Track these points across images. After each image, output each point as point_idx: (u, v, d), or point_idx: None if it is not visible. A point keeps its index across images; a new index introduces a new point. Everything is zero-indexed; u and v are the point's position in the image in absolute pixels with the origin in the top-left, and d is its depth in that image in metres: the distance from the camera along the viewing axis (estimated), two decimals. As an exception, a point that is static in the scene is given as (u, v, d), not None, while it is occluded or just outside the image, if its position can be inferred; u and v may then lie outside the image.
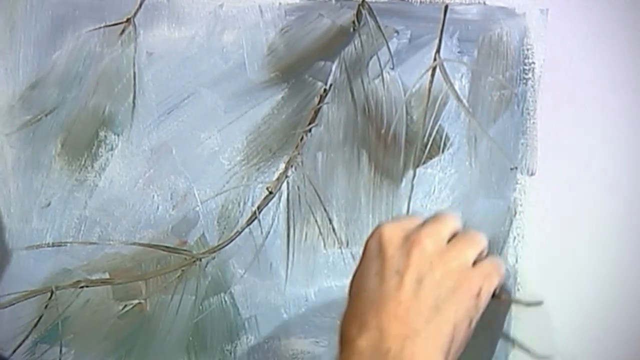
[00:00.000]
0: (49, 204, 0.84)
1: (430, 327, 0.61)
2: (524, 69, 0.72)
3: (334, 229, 0.78)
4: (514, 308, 0.72)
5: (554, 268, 0.72)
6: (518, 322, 0.73)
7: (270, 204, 0.79)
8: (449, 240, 0.64)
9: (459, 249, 0.64)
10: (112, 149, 0.83)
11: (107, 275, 0.84)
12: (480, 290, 0.63)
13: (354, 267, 0.65)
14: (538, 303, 0.71)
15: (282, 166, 0.79)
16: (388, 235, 0.64)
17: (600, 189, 0.70)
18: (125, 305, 0.83)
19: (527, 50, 0.72)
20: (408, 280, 0.62)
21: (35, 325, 0.85)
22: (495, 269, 0.64)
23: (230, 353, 0.81)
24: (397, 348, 0.61)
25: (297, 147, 0.78)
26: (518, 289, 0.72)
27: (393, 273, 0.63)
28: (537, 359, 0.71)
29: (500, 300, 0.69)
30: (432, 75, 0.74)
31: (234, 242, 0.80)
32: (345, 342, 0.64)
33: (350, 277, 0.66)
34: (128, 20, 0.82)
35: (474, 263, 0.64)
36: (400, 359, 0.60)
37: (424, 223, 0.65)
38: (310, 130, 0.78)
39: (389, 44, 0.75)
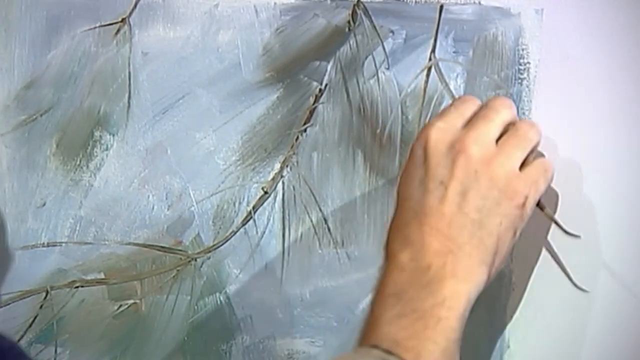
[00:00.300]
0: (44, 204, 0.84)
1: (474, 241, 0.60)
2: (519, 69, 0.72)
3: (329, 229, 0.78)
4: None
5: (551, 267, 0.72)
6: (513, 322, 0.73)
7: (265, 203, 0.79)
8: (500, 136, 0.63)
9: (507, 153, 0.62)
10: (107, 149, 0.83)
11: (102, 275, 0.84)
12: (526, 200, 0.62)
13: (400, 178, 0.65)
14: (576, 236, 0.70)
15: (278, 166, 0.79)
16: (434, 141, 0.62)
17: (597, 189, 0.70)
18: (121, 305, 0.83)
19: (523, 50, 0.72)
20: (452, 193, 0.61)
21: (30, 325, 0.85)
22: (543, 173, 0.63)
23: (226, 353, 0.81)
24: (439, 264, 0.60)
25: (292, 147, 0.78)
26: (513, 289, 0.72)
27: (437, 184, 0.61)
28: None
29: (543, 213, 0.68)
30: (428, 75, 0.74)
31: (229, 242, 0.80)
32: (388, 254, 0.63)
33: (397, 182, 0.65)
34: (123, 20, 0.82)
35: (524, 162, 0.63)
36: (442, 275, 0.60)
37: (473, 120, 0.63)
38: (305, 130, 0.78)
39: (384, 43, 0.75)
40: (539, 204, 0.64)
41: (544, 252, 0.72)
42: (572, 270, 0.70)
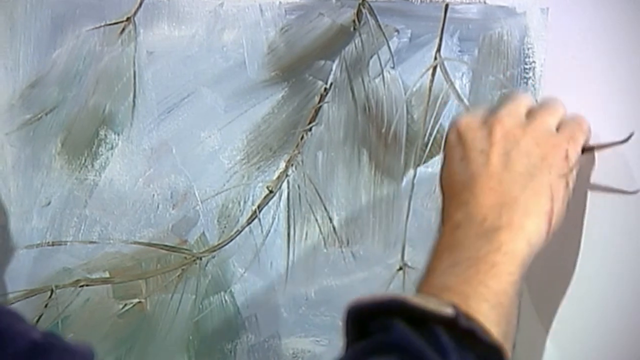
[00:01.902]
0: (49, 203, 0.84)
1: (527, 192, 0.60)
2: (524, 68, 0.72)
3: (334, 228, 0.78)
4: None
5: (553, 267, 0.72)
6: (519, 323, 0.73)
7: (270, 203, 0.79)
8: (527, 116, 0.64)
9: (540, 119, 0.63)
10: (112, 148, 0.83)
11: (107, 274, 0.84)
12: (568, 153, 0.62)
13: (442, 168, 0.65)
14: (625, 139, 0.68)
15: (283, 165, 0.79)
16: (465, 123, 0.63)
17: (601, 187, 0.70)
18: (125, 304, 0.83)
19: (528, 49, 0.72)
20: (495, 155, 0.61)
21: (35, 324, 0.85)
22: (579, 128, 0.64)
23: (230, 352, 0.81)
24: (494, 215, 0.60)
25: (297, 146, 0.78)
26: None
27: (478, 152, 0.62)
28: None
29: (595, 151, 0.68)
30: (433, 74, 0.74)
31: (234, 241, 0.80)
32: (443, 219, 0.63)
33: (438, 177, 0.65)
34: (128, 19, 0.82)
35: (557, 128, 0.63)
36: (498, 225, 0.59)
37: (497, 107, 0.64)
38: (310, 129, 0.78)
39: (390, 43, 0.75)
40: (584, 150, 0.65)
41: (547, 252, 0.72)
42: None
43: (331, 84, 0.77)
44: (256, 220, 0.80)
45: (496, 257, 0.58)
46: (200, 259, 0.81)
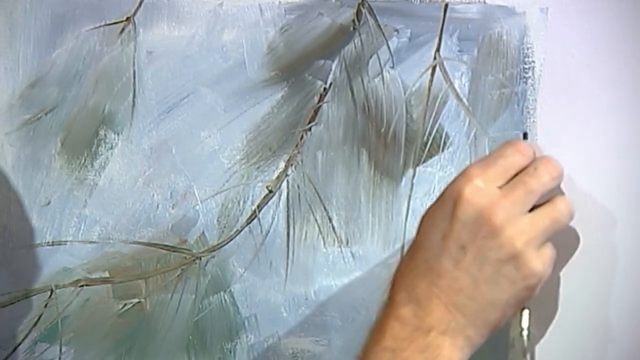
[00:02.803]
0: (48, 203, 0.84)
1: (479, 314, 0.61)
2: (524, 68, 0.72)
3: (333, 228, 0.78)
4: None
5: (556, 267, 0.71)
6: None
7: (270, 202, 0.79)
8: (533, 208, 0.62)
9: (535, 232, 0.60)
10: (111, 148, 0.83)
11: (106, 274, 0.84)
12: (539, 283, 0.61)
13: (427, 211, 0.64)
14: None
15: (282, 165, 0.79)
16: (466, 201, 0.60)
17: (600, 188, 0.70)
18: (125, 304, 0.83)
19: (527, 49, 0.72)
20: (469, 261, 0.60)
21: (35, 324, 0.85)
22: (551, 261, 0.62)
23: (230, 352, 0.81)
24: (440, 329, 0.60)
25: (297, 145, 0.78)
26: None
27: (458, 247, 0.61)
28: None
29: None
30: (432, 74, 0.74)
31: (233, 240, 0.80)
32: (392, 301, 0.63)
33: (421, 219, 0.64)
34: (128, 19, 0.82)
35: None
36: (441, 342, 0.60)
37: (514, 183, 0.61)
38: (310, 129, 0.78)
39: (389, 42, 0.75)
40: None
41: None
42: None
43: (330, 83, 0.77)
44: (256, 220, 0.80)
45: None
46: (200, 258, 0.81)
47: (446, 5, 0.73)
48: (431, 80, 0.74)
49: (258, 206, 0.80)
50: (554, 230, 0.62)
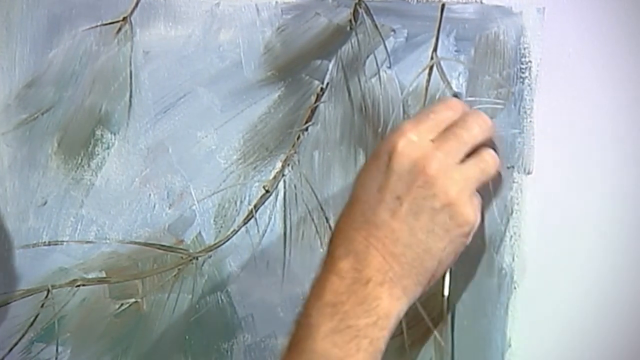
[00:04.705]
0: (45, 203, 0.84)
1: (415, 263, 0.62)
2: (520, 68, 0.72)
3: (330, 228, 0.78)
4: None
5: (551, 267, 0.72)
6: (514, 321, 0.73)
7: (266, 202, 0.79)
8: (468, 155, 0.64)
9: (466, 179, 0.63)
10: (108, 148, 0.83)
11: (103, 274, 0.84)
12: (472, 229, 0.63)
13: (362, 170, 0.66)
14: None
15: (279, 165, 0.79)
16: (400, 153, 0.63)
17: (598, 188, 0.70)
18: (122, 304, 0.83)
19: (524, 49, 0.72)
20: (405, 210, 0.62)
21: (32, 324, 0.85)
22: (479, 209, 0.64)
23: (227, 352, 0.81)
24: (378, 279, 0.61)
25: (293, 145, 0.78)
26: (515, 287, 0.72)
27: (394, 197, 0.62)
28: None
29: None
30: (429, 74, 0.74)
31: (230, 240, 0.80)
32: (330, 256, 0.64)
33: (357, 175, 0.66)
34: (124, 19, 0.82)
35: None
36: (379, 292, 0.61)
37: (446, 134, 0.64)
38: (307, 129, 0.78)
39: (386, 42, 0.75)
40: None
41: (545, 251, 0.72)
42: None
43: (327, 83, 0.77)
44: (253, 220, 0.80)
45: (374, 331, 0.61)
46: (197, 258, 0.81)
47: (443, 5, 0.73)
48: (428, 80, 0.74)
49: (255, 206, 0.80)
50: (482, 180, 0.65)
